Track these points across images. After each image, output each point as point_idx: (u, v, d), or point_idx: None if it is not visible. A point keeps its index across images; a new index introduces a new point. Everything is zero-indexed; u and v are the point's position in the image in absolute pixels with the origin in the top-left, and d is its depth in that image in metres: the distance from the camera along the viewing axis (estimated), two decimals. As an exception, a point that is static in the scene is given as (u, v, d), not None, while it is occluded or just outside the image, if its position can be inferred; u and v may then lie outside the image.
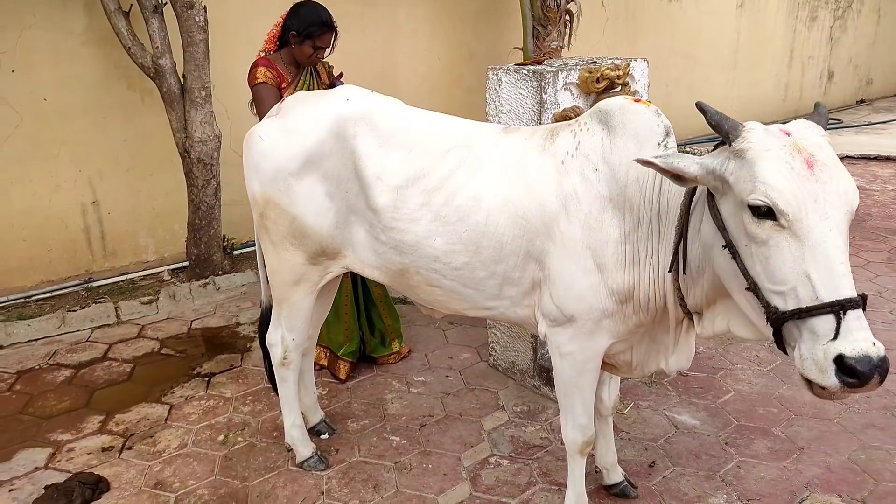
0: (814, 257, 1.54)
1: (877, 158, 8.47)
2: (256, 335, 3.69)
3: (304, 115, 2.47)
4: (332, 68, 3.59)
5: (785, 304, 1.58)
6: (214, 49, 4.53)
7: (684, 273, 1.93)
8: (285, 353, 2.76)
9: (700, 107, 1.73)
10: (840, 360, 1.49)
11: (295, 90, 3.26)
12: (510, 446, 3.02)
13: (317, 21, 3.27)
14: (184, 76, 4.44)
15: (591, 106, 2.86)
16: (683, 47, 9.27)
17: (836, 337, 1.50)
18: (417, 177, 2.28)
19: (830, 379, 1.50)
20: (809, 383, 1.58)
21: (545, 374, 3.35)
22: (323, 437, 3.08)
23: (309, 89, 3.33)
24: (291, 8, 3.34)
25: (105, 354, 3.94)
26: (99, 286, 4.70)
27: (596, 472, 2.73)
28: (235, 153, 4.90)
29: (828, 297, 1.51)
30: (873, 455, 2.89)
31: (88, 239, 4.74)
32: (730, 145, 1.70)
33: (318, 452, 2.91)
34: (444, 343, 4.01)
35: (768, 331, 1.66)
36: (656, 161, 1.75)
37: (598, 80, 3.01)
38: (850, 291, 1.51)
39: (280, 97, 3.17)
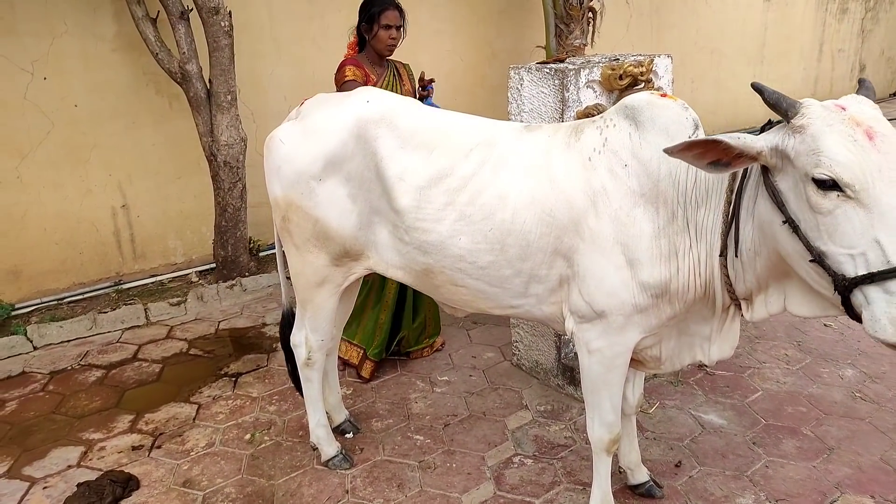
0: (882, 223, 1.58)
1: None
2: (279, 334, 3.73)
3: (325, 117, 2.48)
4: (422, 74, 3.67)
5: (855, 270, 1.62)
6: (239, 53, 4.59)
7: (736, 257, 1.93)
8: (309, 354, 2.79)
9: (756, 87, 1.77)
10: None
11: (384, 87, 3.41)
12: (534, 445, 3.01)
13: (373, 2, 3.39)
14: (210, 81, 4.51)
15: (614, 103, 2.85)
16: (709, 42, 9.14)
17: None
18: (440, 176, 2.29)
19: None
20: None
21: (569, 373, 3.33)
22: (347, 436, 3.11)
23: (391, 90, 3.44)
24: (359, 11, 3.50)
25: (135, 355, 4.01)
26: (129, 288, 4.79)
27: (620, 472, 2.71)
28: (261, 156, 4.92)
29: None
30: (907, 455, 2.83)
31: (118, 242, 4.83)
32: (788, 122, 1.73)
33: (343, 451, 2.94)
34: (468, 342, 4.02)
35: (836, 299, 1.69)
36: (726, 139, 1.75)
37: (620, 77, 2.99)
38: None
39: None
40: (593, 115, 2.83)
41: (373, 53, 3.48)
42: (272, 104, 5.25)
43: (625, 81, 3.00)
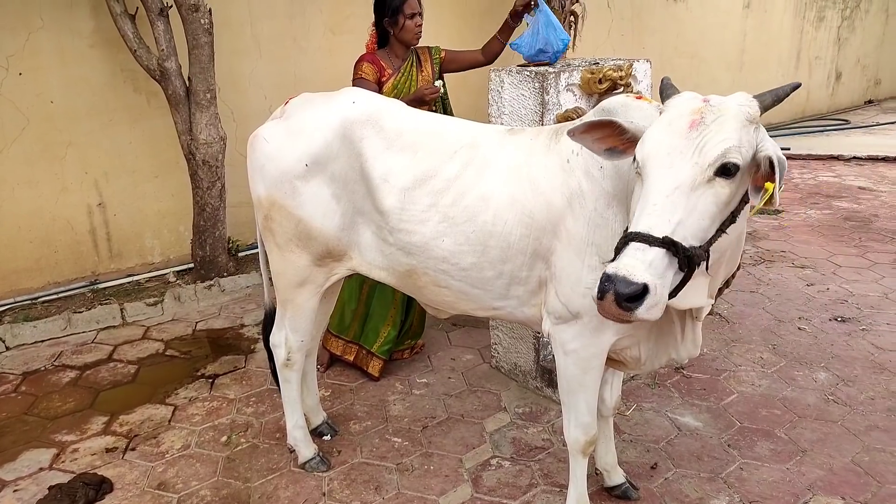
0: (643, 198, 1.68)
1: (885, 159, 8.43)
2: (260, 336, 3.71)
3: (310, 117, 2.47)
4: (443, 56, 3.73)
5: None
6: (219, 51, 4.55)
7: None
8: (289, 355, 2.77)
9: (662, 80, 1.91)
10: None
11: (398, 78, 3.52)
12: (512, 448, 3.02)
13: None
14: (189, 78, 4.46)
15: (594, 107, 2.87)
16: (689, 47, 9.24)
17: (613, 260, 1.62)
18: (425, 178, 2.30)
19: (594, 291, 1.61)
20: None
21: (547, 375, 3.34)
22: (325, 438, 3.09)
23: (409, 79, 3.54)
24: (374, 9, 3.54)
25: (110, 356, 3.96)
26: (105, 288, 4.73)
27: (597, 474, 2.73)
28: (241, 155, 4.89)
29: (630, 229, 1.65)
30: (877, 457, 2.87)
31: (94, 241, 4.77)
32: None
33: (321, 454, 2.92)
34: (447, 344, 4.02)
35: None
36: (620, 121, 1.86)
37: (600, 81, 3.01)
38: (643, 227, 1.61)
39: (378, 90, 3.42)
40: (573, 118, 2.86)
41: (398, 46, 3.53)
42: (252, 103, 5.21)
43: (604, 85, 3.02)
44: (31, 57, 4.32)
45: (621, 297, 1.54)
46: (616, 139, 1.86)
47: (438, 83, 3.62)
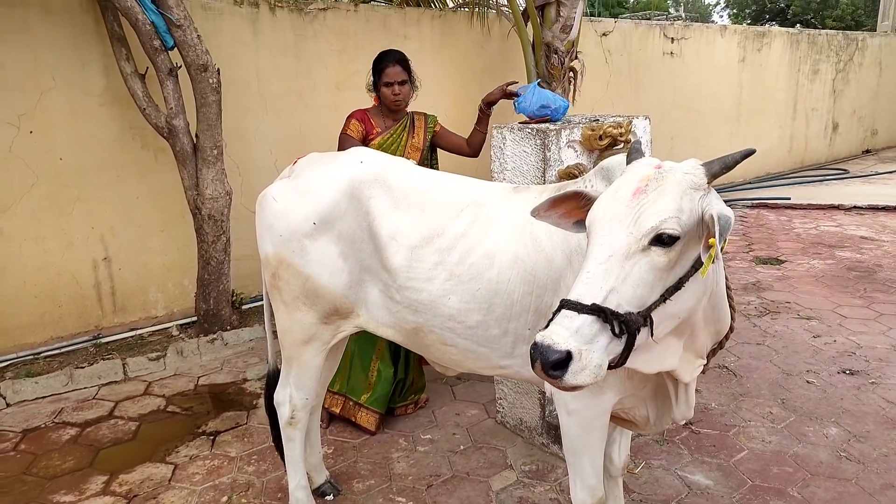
0: (582, 265, 1.68)
1: (885, 209, 8.47)
2: (262, 392, 3.67)
3: (318, 176, 2.51)
4: (437, 129, 3.80)
5: None
6: (226, 108, 4.64)
7: None
8: (293, 413, 2.74)
9: (632, 145, 1.93)
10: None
11: (385, 138, 3.59)
12: (519, 508, 2.95)
13: (376, 60, 3.59)
14: (196, 135, 4.54)
15: (595, 162, 2.90)
16: (686, 101, 9.41)
17: (546, 328, 1.61)
18: (432, 236, 2.31)
19: (529, 359, 1.61)
20: None
21: (554, 431, 3.29)
22: (328, 497, 3.03)
23: (397, 142, 3.63)
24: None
25: (111, 412, 3.92)
26: (108, 342, 4.71)
27: (607, 535, 2.66)
28: (246, 209, 4.98)
29: (566, 296, 1.64)
30: (893, 517, 2.81)
31: (99, 295, 4.78)
32: None
33: (324, 514, 2.86)
34: (452, 399, 3.97)
35: None
36: (585, 189, 1.89)
37: (600, 138, 3.05)
38: (575, 295, 1.61)
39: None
40: (574, 174, 2.90)
41: (384, 107, 3.65)
42: (258, 158, 5.29)
43: (604, 142, 3.07)
44: (42, 115, 4.41)
45: (547, 366, 1.55)
46: (582, 211, 1.85)
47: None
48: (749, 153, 1.74)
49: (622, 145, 3.11)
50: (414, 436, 3.57)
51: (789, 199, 9.05)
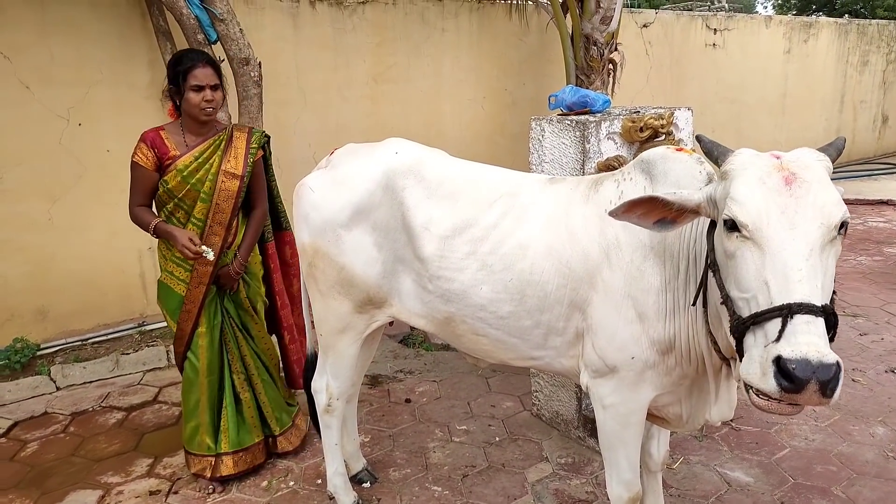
0: (773, 265, 1.54)
1: (937, 204, 8.19)
2: (302, 379, 3.72)
3: (354, 167, 2.53)
4: (259, 156, 3.05)
5: (748, 312, 1.58)
6: (266, 101, 4.71)
7: (704, 308, 1.89)
8: (330, 401, 2.78)
9: (697, 137, 1.83)
10: (779, 362, 1.44)
11: (189, 164, 2.85)
12: (555, 500, 2.94)
13: (176, 61, 2.86)
14: (238, 128, 4.61)
15: (635, 155, 2.87)
16: (729, 92, 9.22)
17: (779, 339, 1.46)
18: (464, 226, 2.31)
19: (769, 381, 1.45)
20: (750, 391, 1.55)
21: (590, 425, 3.27)
22: (365, 485, 3.07)
23: (204, 167, 2.88)
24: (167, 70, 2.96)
25: (155, 398, 4.02)
26: (152, 329, 4.83)
27: (644, 530, 2.64)
28: (285, 201, 5.04)
29: (779, 300, 1.49)
30: (943, 520, 2.72)
31: (143, 284, 4.89)
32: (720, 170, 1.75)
33: (360, 501, 2.90)
34: (487, 391, 3.98)
35: (733, 341, 1.65)
36: (662, 195, 1.77)
37: (641, 130, 3.01)
38: (801, 296, 1.47)
39: (156, 178, 2.86)
40: (614, 167, 2.86)
41: (188, 120, 2.89)
42: (297, 151, 5.35)
43: (645, 134, 3.03)
44: (89, 108, 4.53)
45: (826, 385, 1.40)
46: (663, 210, 1.79)
47: (207, 250, 2.78)
48: (844, 140, 1.79)
49: (663, 137, 3.06)
50: (450, 426, 3.59)
51: (842, 192, 8.80)
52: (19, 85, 4.27)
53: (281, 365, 3.40)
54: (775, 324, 1.49)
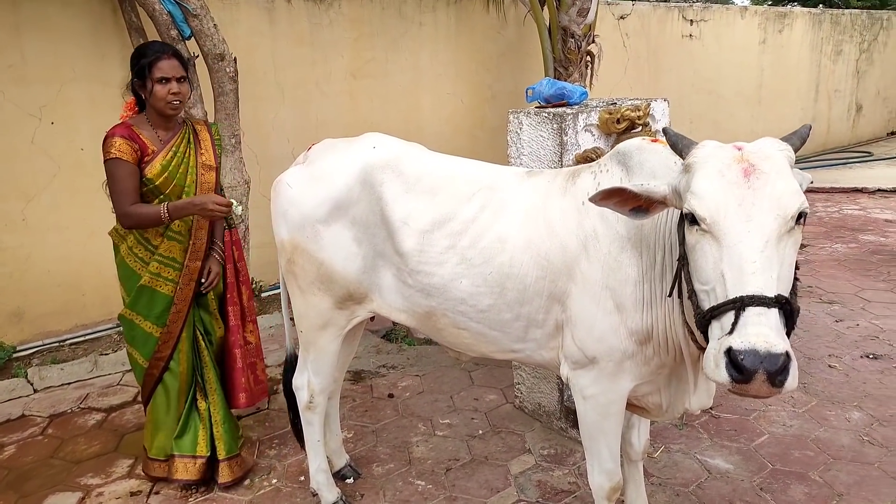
0: (729, 257, 1.57)
1: (910, 191, 8.32)
2: (282, 377, 3.70)
3: (332, 162, 2.52)
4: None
5: (708, 305, 1.61)
6: (243, 97, 4.67)
7: (679, 298, 1.91)
8: (311, 398, 2.77)
9: (664, 131, 1.86)
10: (729, 353, 1.48)
11: (169, 160, 2.82)
12: (537, 491, 2.96)
13: (140, 53, 2.78)
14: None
15: (612, 147, 2.88)
16: (706, 84, 9.30)
17: (732, 331, 1.50)
18: (443, 220, 2.31)
19: (721, 373, 1.49)
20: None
21: (572, 416, 3.29)
22: (348, 481, 3.07)
23: (184, 162, 2.87)
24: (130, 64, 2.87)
25: (135, 398, 3.98)
26: (130, 330, 4.78)
27: (626, 518, 2.67)
28: (264, 197, 4.98)
29: (733, 293, 1.53)
30: (917, 501, 2.78)
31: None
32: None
33: (343, 497, 2.89)
34: (470, 384, 3.99)
35: (699, 334, 1.69)
36: (629, 187, 1.81)
37: (618, 122, 3.03)
38: (754, 288, 1.51)
39: (138, 174, 2.77)
40: (592, 158, 2.88)
41: (154, 114, 2.82)
42: (275, 147, 5.32)
43: (622, 125, 3.04)
44: (62, 107, 4.46)
45: (774, 375, 1.43)
46: (635, 200, 1.83)
47: (234, 202, 2.82)
48: (809, 128, 1.82)
49: (640, 129, 3.08)
50: (433, 420, 3.60)
51: (811, 182, 8.89)
52: (-11, 83, 4.20)
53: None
54: (730, 316, 1.53)
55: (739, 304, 1.51)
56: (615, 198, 1.83)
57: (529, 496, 2.93)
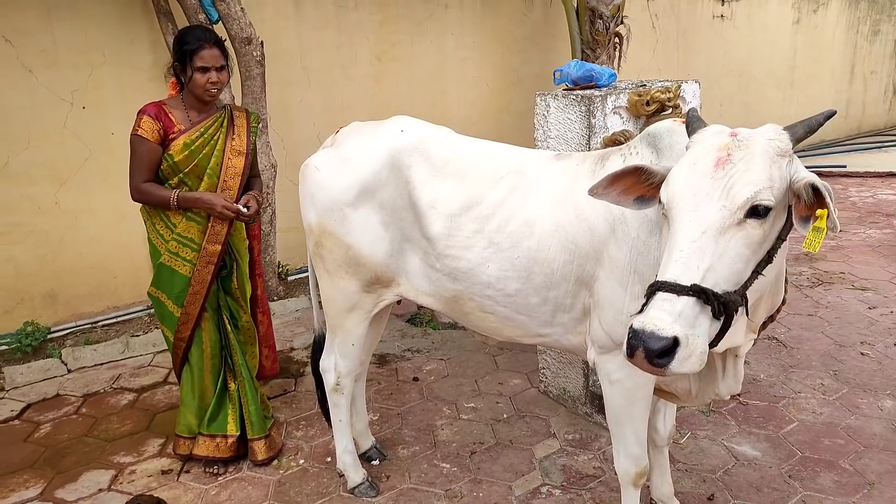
0: (669, 243, 1.62)
1: (948, 175, 8.10)
2: (309, 360, 3.75)
3: (360, 145, 2.52)
4: (259, 126, 3.00)
5: None
6: (270, 81, 4.68)
7: None
8: (338, 379, 2.80)
9: (688, 112, 1.86)
10: (630, 330, 1.55)
11: (193, 138, 2.85)
12: (562, 475, 2.97)
13: (183, 38, 2.84)
14: (241, 108, 4.60)
15: (642, 129, 2.84)
16: (737, 65, 9.10)
17: (640, 311, 1.56)
18: (471, 204, 2.31)
19: (623, 348, 1.57)
20: None
21: (597, 401, 3.29)
22: (374, 462, 3.10)
23: (211, 144, 2.90)
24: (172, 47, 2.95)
25: (165, 379, 4.06)
26: (160, 311, 4.86)
27: (652, 504, 2.66)
28: (290, 181, 5.04)
29: (658, 277, 1.58)
30: (951, 491, 2.73)
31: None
32: None
33: (369, 479, 2.93)
34: (494, 368, 3.99)
35: None
36: (646, 165, 1.83)
37: (647, 104, 2.99)
38: (671, 275, 1.55)
39: (160, 151, 2.83)
40: (620, 142, 2.84)
41: (191, 98, 2.90)
42: (302, 131, 5.34)
43: (651, 107, 3.00)
44: (93, 91, 4.52)
45: (651, 354, 1.49)
46: (643, 187, 1.82)
47: (242, 208, 2.87)
48: (830, 114, 1.70)
49: (670, 111, 3.03)
50: (458, 404, 3.61)
51: (845, 166, 8.72)
52: (23, 69, 4.26)
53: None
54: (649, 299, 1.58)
55: (654, 289, 1.57)
56: (626, 182, 1.83)
57: (554, 480, 2.93)
